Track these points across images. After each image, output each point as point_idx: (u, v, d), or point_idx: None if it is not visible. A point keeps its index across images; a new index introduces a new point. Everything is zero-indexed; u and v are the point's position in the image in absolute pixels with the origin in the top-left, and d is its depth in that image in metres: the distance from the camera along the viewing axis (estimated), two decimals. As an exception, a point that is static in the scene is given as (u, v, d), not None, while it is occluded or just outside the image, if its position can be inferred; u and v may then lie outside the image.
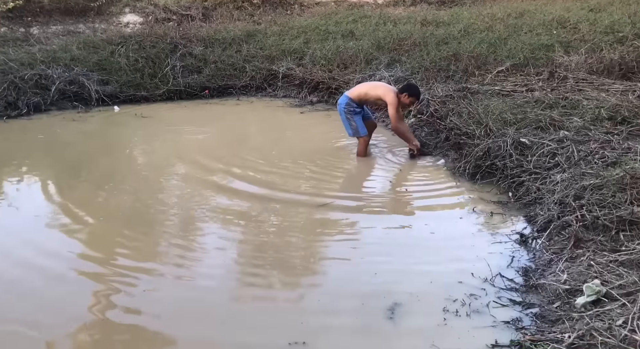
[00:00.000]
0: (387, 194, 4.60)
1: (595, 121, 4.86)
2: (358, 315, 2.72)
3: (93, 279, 3.08)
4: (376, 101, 5.30)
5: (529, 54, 7.31)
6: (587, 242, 3.19)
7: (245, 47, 9.05)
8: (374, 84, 5.53)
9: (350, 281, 3.08)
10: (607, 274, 2.77)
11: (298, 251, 3.49)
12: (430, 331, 2.58)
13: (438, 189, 4.57)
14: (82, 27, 9.61)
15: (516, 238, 3.54)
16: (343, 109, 5.25)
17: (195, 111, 7.47)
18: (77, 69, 7.58)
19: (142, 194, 4.41)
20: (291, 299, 2.94)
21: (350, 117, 5.24)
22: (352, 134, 5.32)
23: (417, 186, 4.65)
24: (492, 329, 2.59)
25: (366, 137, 5.30)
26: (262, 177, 4.79)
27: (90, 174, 4.80)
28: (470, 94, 6.28)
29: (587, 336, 2.32)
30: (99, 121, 6.82)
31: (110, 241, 3.55)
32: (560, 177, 3.97)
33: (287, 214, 4.07)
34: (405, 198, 4.45)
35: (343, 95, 5.37)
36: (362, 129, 5.26)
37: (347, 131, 5.36)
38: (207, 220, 3.94)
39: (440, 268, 3.19)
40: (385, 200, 4.50)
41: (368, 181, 5.00)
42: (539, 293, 2.87)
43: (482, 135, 4.94)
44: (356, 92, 5.26)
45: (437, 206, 4.32)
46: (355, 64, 8.21)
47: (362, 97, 5.22)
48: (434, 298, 2.84)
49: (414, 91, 5.09)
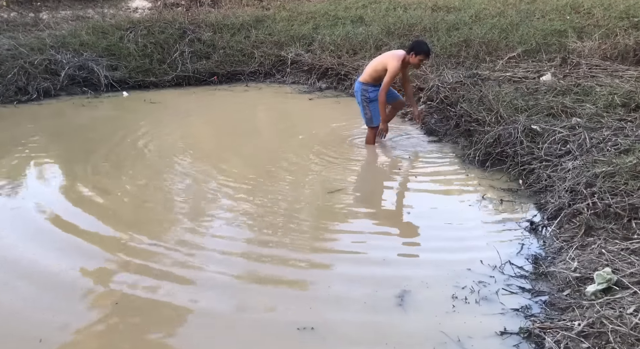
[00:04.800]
0: (395, 182, 4.59)
1: (608, 108, 4.80)
2: (367, 302, 2.72)
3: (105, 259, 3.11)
4: (384, 72, 4.93)
5: (541, 39, 7.21)
6: (598, 230, 3.16)
7: (254, 32, 8.99)
8: (378, 57, 5.11)
9: (360, 268, 3.07)
10: (619, 263, 2.75)
11: (307, 238, 3.48)
12: (439, 318, 2.57)
13: (447, 176, 4.54)
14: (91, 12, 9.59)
15: (526, 226, 3.52)
16: (359, 97, 5.09)
17: (204, 97, 7.46)
18: (87, 55, 7.59)
19: (152, 180, 4.43)
20: (300, 285, 2.94)
21: (366, 104, 5.06)
22: (366, 122, 5.18)
23: (426, 174, 4.62)
24: (501, 317, 2.58)
25: (379, 126, 5.12)
26: (271, 163, 4.78)
27: (100, 160, 4.81)
28: (481, 80, 6.21)
29: (597, 324, 2.31)
30: (109, 107, 6.83)
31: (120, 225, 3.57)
32: (572, 165, 3.93)
33: (296, 201, 4.07)
34: (414, 186, 4.42)
35: (356, 82, 5.21)
36: (377, 118, 5.08)
37: (362, 118, 5.21)
38: (216, 206, 3.95)
39: (449, 255, 3.18)
40: (394, 187, 4.49)
41: (377, 168, 5.00)
42: (549, 281, 2.85)
43: (493, 122, 4.89)
44: (366, 75, 5.03)
45: (446, 193, 4.31)
46: (365, 50, 8.14)
47: (373, 75, 4.97)
48: (443, 286, 2.84)
49: (422, 47, 4.76)
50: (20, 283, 2.89)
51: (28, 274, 2.98)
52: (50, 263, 3.08)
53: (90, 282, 2.91)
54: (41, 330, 2.50)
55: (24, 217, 3.73)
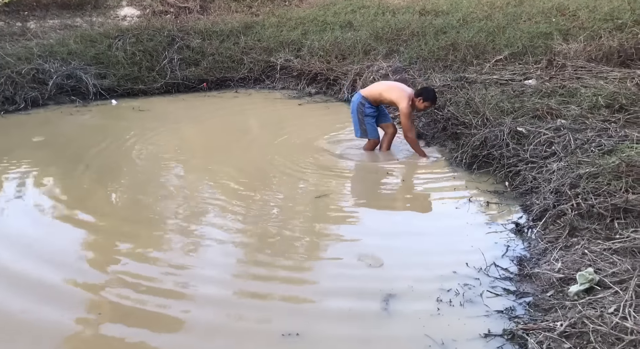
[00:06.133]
0: (383, 186, 4.60)
1: (592, 109, 4.84)
2: (353, 306, 2.72)
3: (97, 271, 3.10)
4: (390, 104, 5.10)
5: (527, 42, 7.26)
6: (582, 230, 3.19)
7: (243, 39, 9.00)
8: (389, 85, 5.19)
9: (346, 273, 3.08)
10: (601, 263, 2.77)
11: (294, 243, 3.49)
12: (423, 321, 2.58)
13: (434, 179, 4.57)
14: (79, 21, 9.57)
15: (512, 228, 3.54)
16: (355, 108, 5.05)
17: (194, 104, 7.46)
18: (75, 63, 7.56)
19: (143, 188, 4.42)
20: (286, 290, 2.93)
21: (361, 118, 5.04)
22: (359, 135, 5.13)
23: (414, 177, 4.65)
24: (485, 319, 2.59)
25: (376, 139, 5.14)
26: (260, 170, 4.79)
27: (89, 169, 4.80)
28: (468, 83, 6.26)
29: (579, 324, 2.33)
30: (97, 115, 6.81)
31: (111, 234, 3.57)
32: (557, 166, 3.96)
33: (285, 206, 4.07)
34: (402, 189, 4.45)
35: (357, 93, 5.20)
36: (373, 132, 5.08)
37: (355, 130, 5.16)
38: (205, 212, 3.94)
39: (435, 258, 3.19)
40: (382, 191, 4.51)
41: (364, 172, 5.00)
42: (533, 282, 2.87)
43: (479, 124, 4.93)
44: (370, 92, 5.05)
45: (433, 196, 4.33)
46: (354, 55, 8.18)
47: (376, 98, 5.00)
48: (428, 289, 2.85)
49: (429, 95, 4.83)
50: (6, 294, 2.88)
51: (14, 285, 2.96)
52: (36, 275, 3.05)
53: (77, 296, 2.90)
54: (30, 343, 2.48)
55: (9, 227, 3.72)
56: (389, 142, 5.23)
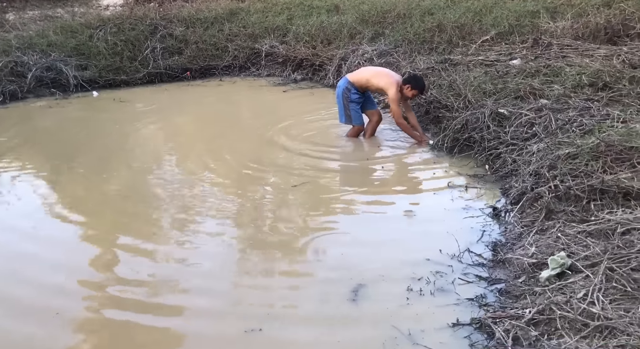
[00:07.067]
0: (362, 172, 4.46)
1: (576, 88, 4.74)
2: (320, 299, 2.65)
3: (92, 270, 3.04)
4: (377, 90, 4.97)
5: (514, 21, 7.11)
6: (558, 213, 3.12)
7: (228, 26, 8.84)
8: (377, 71, 5.03)
9: (316, 264, 3.02)
10: (574, 246, 2.70)
11: (262, 233, 3.41)
12: (392, 312, 2.51)
13: (415, 165, 4.50)
14: (60, 11, 9.40)
15: (489, 212, 3.47)
16: (341, 93, 4.90)
17: (176, 94, 7.34)
18: (55, 55, 7.41)
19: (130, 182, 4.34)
20: (249, 284, 2.87)
21: (346, 104, 4.90)
22: (344, 121, 5.00)
23: (394, 163, 4.57)
24: (455, 308, 2.53)
25: (360, 126, 5.01)
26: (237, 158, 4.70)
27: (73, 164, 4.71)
28: (452, 65, 6.14)
29: (547, 310, 2.26)
30: (77, 107, 6.69)
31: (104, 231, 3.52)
32: (537, 148, 3.88)
33: (259, 195, 4.00)
34: (381, 176, 4.36)
35: (343, 78, 5.06)
36: (357, 119, 4.95)
37: (339, 116, 5.03)
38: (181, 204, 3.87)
39: (409, 245, 3.13)
40: (359, 178, 4.38)
41: (345, 159, 4.83)
42: (507, 268, 2.81)
43: (461, 107, 4.83)
44: (357, 77, 4.91)
45: (412, 182, 4.26)
46: (339, 39, 8.03)
47: (362, 83, 4.86)
48: (400, 278, 2.78)
49: (418, 83, 4.72)
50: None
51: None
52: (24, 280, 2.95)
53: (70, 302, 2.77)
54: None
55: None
56: (372, 129, 5.12)
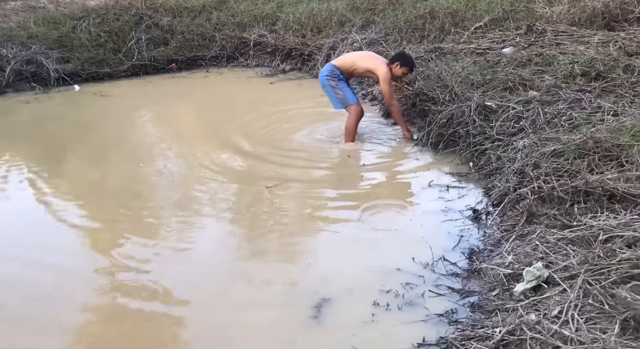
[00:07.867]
0: (341, 170, 4.21)
1: (568, 78, 4.49)
2: (280, 315, 2.48)
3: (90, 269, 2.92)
4: (365, 74, 4.69)
5: (508, 7, 6.83)
6: (540, 217, 2.91)
7: (216, 14, 8.62)
8: (363, 53, 4.84)
9: (281, 274, 2.82)
10: (553, 255, 2.51)
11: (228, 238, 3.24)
12: (354, 329, 2.33)
13: (397, 162, 4.28)
14: (43, 2, 9.17)
15: (469, 214, 3.27)
16: (325, 77, 4.55)
17: (161, 87, 7.14)
18: (35, 47, 7.21)
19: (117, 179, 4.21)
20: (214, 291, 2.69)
21: (334, 85, 4.52)
22: (339, 106, 4.62)
23: (376, 162, 4.33)
24: (423, 325, 2.34)
25: (357, 105, 4.60)
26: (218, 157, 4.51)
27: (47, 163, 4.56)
28: (442, 54, 5.89)
29: (518, 330, 2.08)
30: (57, 102, 6.50)
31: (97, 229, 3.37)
32: (523, 144, 3.66)
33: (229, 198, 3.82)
34: (360, 176, 4.14)
35: (327, 64, 4.74)
36: (352, 97, 4.58)
37: (333, 104, 4.67)
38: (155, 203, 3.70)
39: (380, 254, 2.93)
40: (337, 177, 4.10)
41: (324, 156, 4.47)
42: (482, 278, 2.61)
43: (447, 100, 4.60)
44: (342, 61, 4.64)
45: (390, 182, 4.04)
46: (329, 28, 7.79)
47: (348, 67, 4.57)
48: (367, 290, 2.59)
49: (406, 60, 4.52)
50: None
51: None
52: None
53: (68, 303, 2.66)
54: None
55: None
56: None
